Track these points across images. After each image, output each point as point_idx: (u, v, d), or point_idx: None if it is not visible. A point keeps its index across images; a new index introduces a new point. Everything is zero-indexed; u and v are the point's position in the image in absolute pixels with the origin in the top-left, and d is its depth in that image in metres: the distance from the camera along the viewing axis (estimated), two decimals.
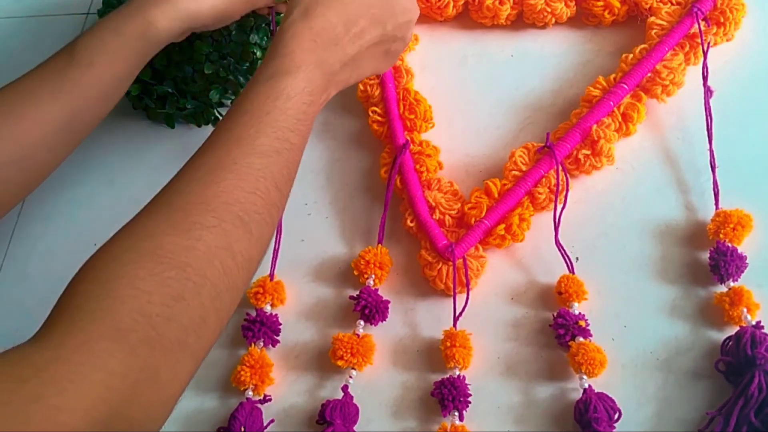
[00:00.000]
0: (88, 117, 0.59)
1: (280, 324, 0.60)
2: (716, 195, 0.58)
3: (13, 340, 0.64)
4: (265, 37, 0.70)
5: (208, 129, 0.72)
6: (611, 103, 0.61)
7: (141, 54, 0.59)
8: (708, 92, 0.61)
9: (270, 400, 0.57)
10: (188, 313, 0.40)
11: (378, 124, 0.66)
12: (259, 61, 0.71)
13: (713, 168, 0.59)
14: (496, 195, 0.60)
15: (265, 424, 0.56)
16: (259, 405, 0.57)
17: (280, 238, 0.63)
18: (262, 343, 0.58)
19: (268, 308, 0.60)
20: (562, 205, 0.59)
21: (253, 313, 0.59)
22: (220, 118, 0.72)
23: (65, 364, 0.36)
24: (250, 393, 0.57)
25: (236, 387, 0.57)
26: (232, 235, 0.43)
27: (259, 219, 0.45)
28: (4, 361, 0.36)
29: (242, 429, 0.55)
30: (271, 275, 0.61)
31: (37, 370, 0.35)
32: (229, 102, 0.72)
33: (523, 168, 0.60)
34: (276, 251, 0.62)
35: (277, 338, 0.59)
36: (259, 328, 0.58)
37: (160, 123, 0.72)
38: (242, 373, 0.56)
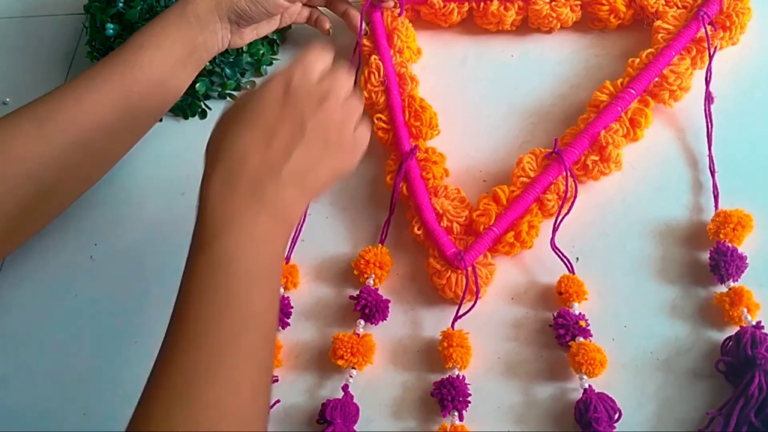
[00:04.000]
0: (145, 104, 0.61)
1: (292, 307, 0.60)
2: (716, 198, 0.58)
3: (14, 340, 0.64)
4: None
5: (195, 121, 0.72)
6: (619, 108, 0.61)
7: (187, 37, 0.62)
8: (709, 98, 0.61)
9: (277, 380, 0.57)
10: None
11: (383, 131, 0.65)
12: (245, 54, 0.72)
13: (713, 173, 0.59)
14: (505, 202, 0.60)
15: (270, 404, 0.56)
16: None
17: (303, 221, 0.63)
18: None
19: (281, 291, 0.60)
20: (566, 211, 0.58)
21: None
22: (208, 110, 0.72)
23: None
24: None
25: None
26: None
27: None
28: None
29: None
30: (287, 258, 0.61)
31: None
32: (215, 94, 0.72)
33: (531, 174, 0.60)
34: (296, 236, 0.62)
35: (288, 321, 0.60)
36: None
37: None
38: None
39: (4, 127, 0.57)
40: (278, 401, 0.56)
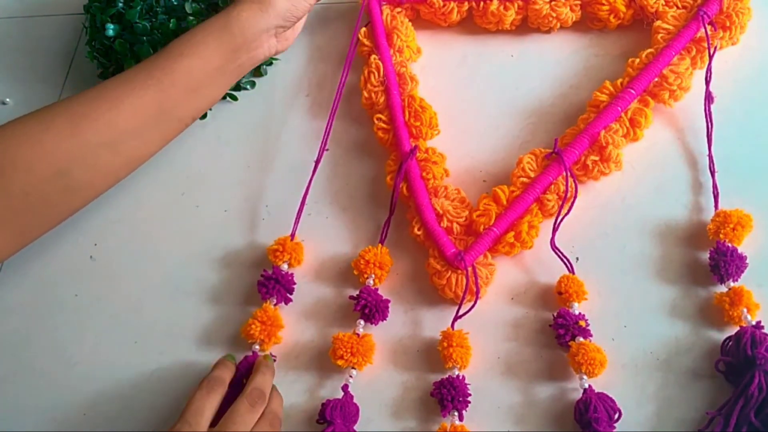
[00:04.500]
0: (179, 110, 0.62)
1: (295, 283, 0.61)
2: (716, 198, 0.58)
3: (13, 340, 0.64)
4: None
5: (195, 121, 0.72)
6: (619, 108, 0.61)
7: (228, 48, 0.63)
8: (709, 98, 0.61)
9: (275, 359, 0.58)
10: None
11: (383, 131, 0.65)
12: None
13: (713, 173, 0.59)
14: (505, 202, 0.60)
15: None
16: None
17: (305, 199, 0.63)
18: (275, 301, 0.60)
19: (285, 267, 0.61)
20: (566, 211, 0.58)
21: (271, 271, 0.61)
22: (208, 110, 0.72)
23: None
24: (257, 347, 0.58)
25: (245, 340, 0.58)
26: None
27: None
28: None
29: (244, 381, 0.55)
30: (292, 235, 0.62)
31: None
32: None
33: (531, 174, 0.60)
34: (299, 213, 0.63)
35: (290, 297, 0.60)
36: (273, 285, 0.60)
37: None
38: (253, 327, 0.58)
39: (37, 121, 0.57)
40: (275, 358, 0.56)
